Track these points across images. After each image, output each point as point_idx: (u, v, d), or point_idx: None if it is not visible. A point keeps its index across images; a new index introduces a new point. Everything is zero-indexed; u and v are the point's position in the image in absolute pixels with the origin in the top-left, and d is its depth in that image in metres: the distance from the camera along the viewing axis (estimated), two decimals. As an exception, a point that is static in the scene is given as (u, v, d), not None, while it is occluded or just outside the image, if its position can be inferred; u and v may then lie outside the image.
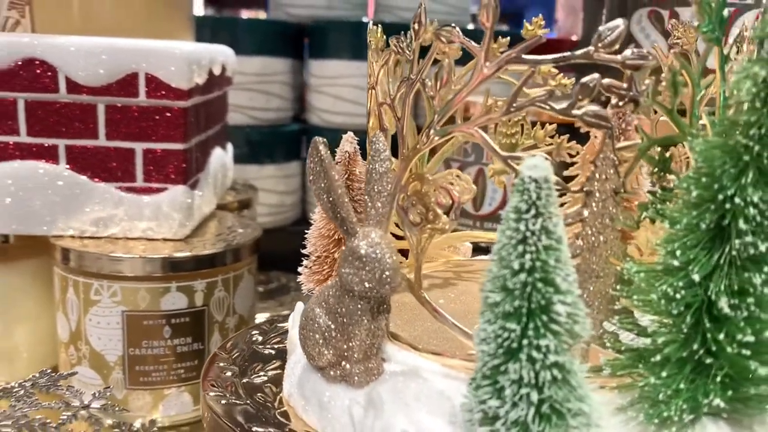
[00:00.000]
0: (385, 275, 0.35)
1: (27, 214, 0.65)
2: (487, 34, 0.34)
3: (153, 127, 0.65)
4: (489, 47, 0.34)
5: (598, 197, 0.34)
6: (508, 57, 0.33)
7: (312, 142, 0.36)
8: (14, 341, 0.73)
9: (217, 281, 0.67)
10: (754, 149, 0.29)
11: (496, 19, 0.34)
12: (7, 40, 0.62)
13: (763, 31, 0.29)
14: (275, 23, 1.27)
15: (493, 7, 0.33)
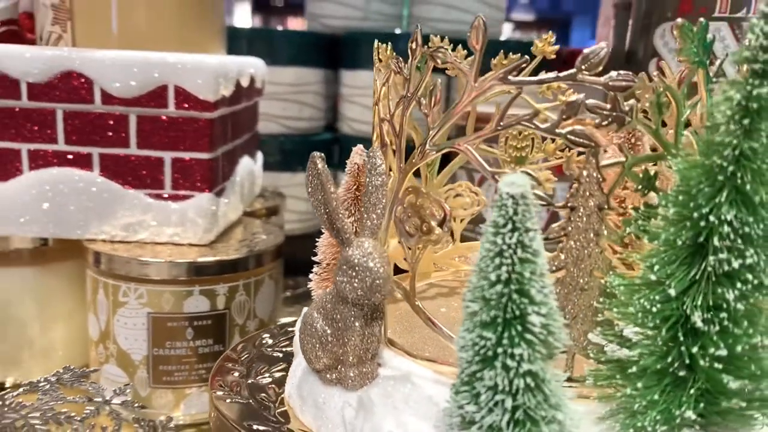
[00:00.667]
0: (376, 283, 0.36)
1: (63, 218, 0.69)
2: (476, 56, 0.35)
3: (181, 136, 0.68)
4: (477, 68, 0.35)
5: (582, 212, 0.35)
6: (493, 78, 0.35)
7: (310, 157, 0.38)
8: (51, 339, 0.77)
9: (239, 285, 0.69)
10: (728, 169, 0.30)
11: (485, 42, 0.35)
12: (48, 54, 0.66)
13: (740, 56, 0.30)
14: (309, 34, 1.30)
15: (482, 30, 0.35)
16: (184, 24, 0.75)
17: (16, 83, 0.66)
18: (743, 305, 0.31)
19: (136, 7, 0.71)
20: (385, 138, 0.41)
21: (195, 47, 0.75)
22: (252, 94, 0.84)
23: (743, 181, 0.30)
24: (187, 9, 0.74)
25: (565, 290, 0.36)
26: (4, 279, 0.74)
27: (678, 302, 0.32)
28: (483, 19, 0.35)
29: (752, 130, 0.30)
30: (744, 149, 0.30)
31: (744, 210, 0.30)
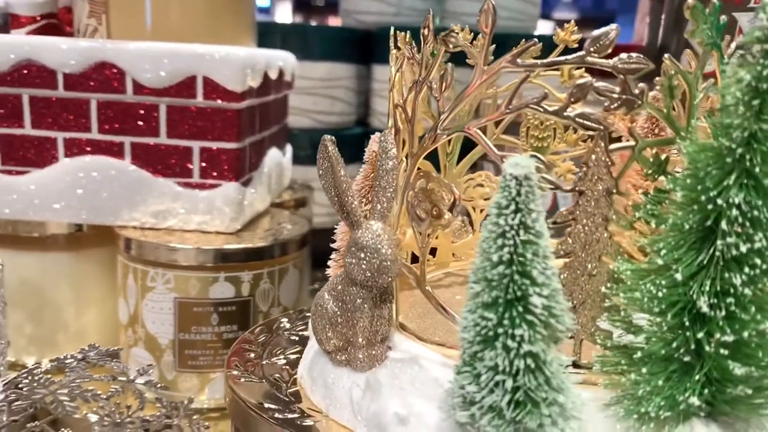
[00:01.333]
0: (384, 265, 0.37)
1: (95, 205, 0.72)
2: (485, 39, 0.35)
3: (209, 126, 0.70)
4: (486, 52, 0.35)
5: (591, 197, 0.35)
6: (503, 61, 0.35)
7: (321, 141, 0.38)
8: (84, 322, 0.80)
9: (263, 273, 0.71)
10: (738, 151, 0.30)
11: (494, 25, 0.35)
12: (83, 46, 0.68)
13: (750, 36, 0.30)
14: (342, 30, 1.31)
15: (491, 14, 0.35)
16: (215, 17, 0.76)
17: (53, 74, 0.68)
18: (751, 290, 0.30)
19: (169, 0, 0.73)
20: (399, 124, 0.42)
21: (225, 39, 0.76)
22: (281, 87, 0.85)
23: (753, 163, 0.29)
24: (218, 2, 0.76)
25: (573, 275, 0.36)
26: (41, 263, 0.76)
27: (685, 287, 0.31)
28: (492, 3, 0.35)
29: (763, 111, 0.29)
30: (754, 131, 0.29)
31: (753, 193, 0.30)
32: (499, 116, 0.35)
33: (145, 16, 0.73)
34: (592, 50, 0.33)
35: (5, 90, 0.69)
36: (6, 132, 0.71)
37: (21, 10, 0.75)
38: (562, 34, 0.44)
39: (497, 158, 0.35)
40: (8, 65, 0.68)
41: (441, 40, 0.38)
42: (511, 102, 0.35)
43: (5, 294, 0.67)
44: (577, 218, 0.35)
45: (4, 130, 0.71)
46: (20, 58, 0.68)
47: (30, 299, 0.76)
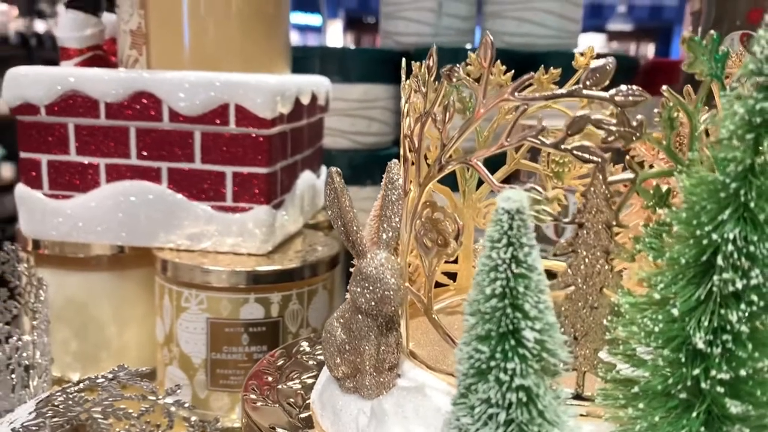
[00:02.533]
0: (386, 295, 0.37)
1: (134, 227, 0.75)
2: (484, 74, 0.36)
3: (241, 152, 0.72)
4: (485, 85, 0.36)
5: (590, 228, 0.35)
6: (503, 95, 0.35)
7: (327, 172, 0.39)
8: (125, 340, 0.83)
9: (292, 294, 0.72)
10: (732, 186, 0.29)
11: (493, 58, 0.36)
12: (123, 77, 0.71)
13: (746, 69, 0.29)
14: (379, 52, 1.34)
15: (490, 47, 0.36)
16: (250, 45, 0.79)
17: (95, 103, 0.72)
18: (748, 327, 0.29)
19: (205, 31, 0.76)
20: (407, 153, 0.43)
21: (259, 67, 0.79)
22: (314, 111, 0.87)
23: (748, 198, 0.29)
24: (253, 32, 0.79)
25: (575, 307, 0.36)
26: (85, 283, 0.80)
27: (682, 323, 0.31)
28: (490, 37, 0.36)
29: (757, 145, 0.29)
30: (748, 165, 0.29)
31: (749, 228, 0.29)
32: (498, 149, 0.36)
33: (182, 47, 0.76)
34: (588, 83, 0.33)
35: (53, 119, 0.73)
36: (53, 159, 0.75)
37: (69, 43, 0.79)
38: (582, 59, 0.44)
39: (497, 189, 0.36)
40: (56, 96, 0.72)
41: (444, 75, 0.39)
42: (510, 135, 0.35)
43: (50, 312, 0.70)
44: (577, 250, 0.35)
45: (51, 157, 0.75)
46: (66, 89, 0.72)
47: (74, 317, 0.80)
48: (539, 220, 0.36)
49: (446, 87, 0.38)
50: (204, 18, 0.75)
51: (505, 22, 1.38)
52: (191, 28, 0.76)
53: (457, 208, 0.56)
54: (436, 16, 1.35)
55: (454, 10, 1.36)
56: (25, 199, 0.76)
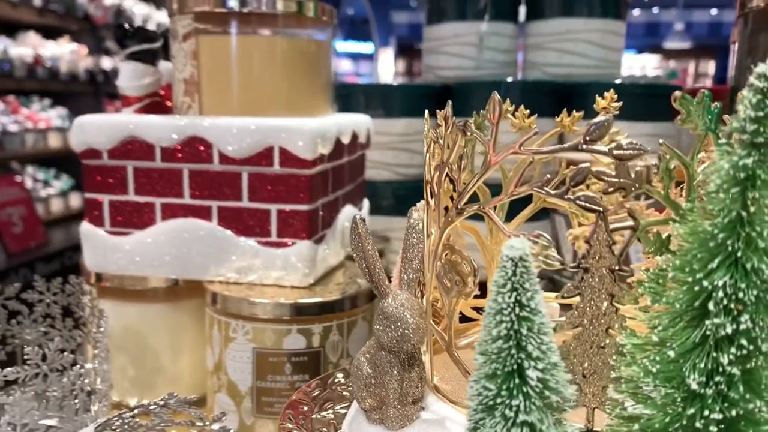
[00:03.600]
0: (406, 333, 0.40)
1: (187, 262, 0.80)
2: (493, 129, 0.39)
3: (285, 191, 0.77)
4: (494, 140, 0.39)
5: (594, 273, 0.37)
6: (510, 149, 0.38)
7: (352, 219, 0.43)
8: (179, 367, 0.88)
9: (332, 326, 0.76)
10: (719, 236, 0.31)
11: (501, 116, 0.39)
12: (177, 124, 0.77)
13: (731, 126, 0.31)
14: (421, 87, 1.37)
15: (498, 105, 0.39)
16: (294, 90, 0.84)
17: (152, 148, 0.78)
18: (739, 370, 0.31)
19: (252, 79, 0.82)
20: (429, 199, 0.46)
21: (303, 109, 0.84)
22: (355, 149, 0.92)
23: (735, 247, 0.31)
24: (297, 78, 0.84)
25: (582, 347, 0.38)
26: (142, 313, 0.86)
27: (678, 364, 0.33)
28: (497, 97, 0.39)
29: (741, 199, 0.31)
30: (735, 217, 0.31)
31: (737, 276, 0.31)
32: (508, 197, 0.38)
33: (231, 94, 0.82)
34: (588, 138, 0.36)
35: (114, 163, 0.80)
36: (114, 199, 0.81)
37: (129, 91, 0.86)
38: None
39: (507, 234, 0.38)
40: (117, 141, 0.79)
41: (459, 128, 0.42)
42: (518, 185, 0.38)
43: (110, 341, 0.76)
44: (583, 293, 0.37)
45: (112, 197, 0.81)
46: (126, 136, 0.78)
47: (132, 345, 0.85)
48: (547, 265, 0.38)
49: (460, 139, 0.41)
50: (251, 67, 0.80)
51: (547, 53, 1.40)
52: (239, 76, 0.81)
53: (484, 245, 0.58)
54: (477, 50, 1.38)
55: (496, 43, 1.39)
56: (88, 236, 0.83)
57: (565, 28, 1.37)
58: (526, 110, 0.59)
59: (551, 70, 1.40)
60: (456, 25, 1.39)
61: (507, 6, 1.40)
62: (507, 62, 1.43)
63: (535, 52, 1.43)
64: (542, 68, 1.41)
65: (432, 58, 1.44)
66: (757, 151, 0.31)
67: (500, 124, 0.45)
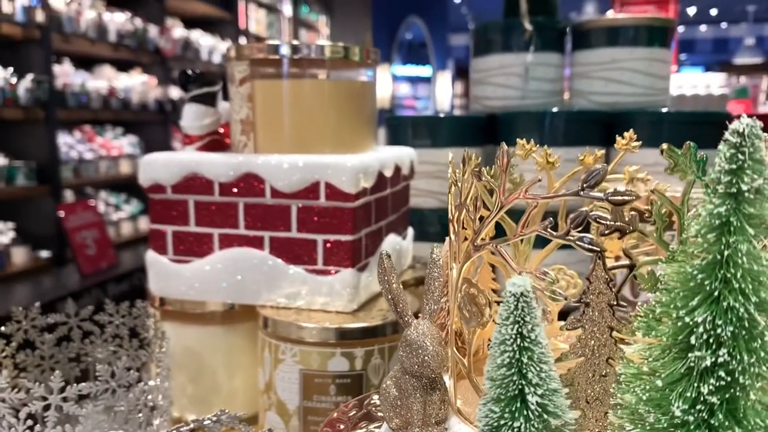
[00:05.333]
0: (426, 360, 0.45)
1: (242, 288, 0.87)
2: (502, 177, 0.43)
3: (330, 222, 0.83)
4: (503, 186, 0.43)
5: (594, 307, 0.41)
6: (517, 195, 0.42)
7: (379, 255, 0.48)
8: (235, 385, 0.94)
9: (374, 350, 0.80)
10: (698, 277, 0.35)
11: (509, 163, 0.43)
12: (233, 161, 0.84)
13: (710, 177, 0.35)
14: (466, 118, 1.42)
15: (506, 155, 0.43)
16: (340, 128, 0.90)
17: (211, 183, 0.86)
18: (718, 399, 0.34)
19: (302, 119, 0.88)
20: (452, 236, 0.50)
21: (349, 145, 0.90)
22: (398, 181, 0.97)
23: (712, 288, 0.34)
24: (343, 117, 0.90)
25: (585, 376, 0.41)
26: (201, 335, 0.92)
27: (665, 393, 0.36)
28: (506, 147, 0.43)
29: (718, 243, 0.34)
30: (711, 260, 0.34)
31: (715, 314, 0.34)
32: (515, 238, 0.43)
33: (283, 133, 0.89)
34: (585, 185, 0.40)
35: (177, 197, 0.87)
36: (176, 229, 0.89)
37: (192, 131, 0.94)
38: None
39: (516, 271, 0.43)
40: (179, 177, 0.86)
41: (474, 174, 0.46)
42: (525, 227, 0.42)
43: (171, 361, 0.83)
44: (585, 326, 0.41)
45: (175, 228, 0.89)
46: (188, 172, 0.86)
47: (191, 365, 0.92)
48: (553, 300, 0.42)
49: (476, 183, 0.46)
50: (301, 108, 0.87)
51: (592, 82, 1.42)
52: (290, 117, 0.88)
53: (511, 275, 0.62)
54: (522, 80, 1.42)
55: (542, 73, 1.43)
56: (153, 263, 0.90)
57: (610, 57, 1.39)
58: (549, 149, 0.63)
59: (597, 98, 1.42)
60: (502, 57, 1.43)
61: (552, 37, 1.43)
62: (553, 91, 1.46)
63: (581, 81, 1.45)
64: (588, 97, 1.44)
65: (479, 89, 1.49)
66: (732, 200, 0.34)
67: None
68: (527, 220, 0.42)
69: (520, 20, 1.39)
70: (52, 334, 0.86)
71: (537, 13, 1.41)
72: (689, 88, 3.67)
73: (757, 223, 0.34)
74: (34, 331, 0.84)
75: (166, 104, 4.10)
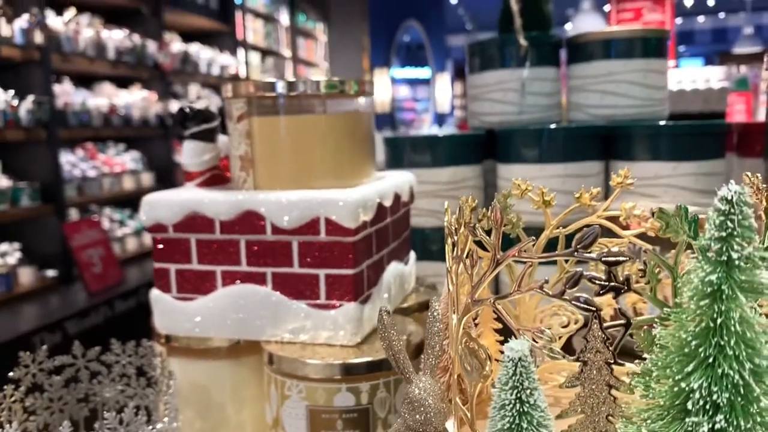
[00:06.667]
0: (428, 417, 0.45)
1: (245, 324, 0.87)
2: (495, 232, 0.44)
3: (330, 257, 0.83)
4: (497, 243, 0.43)
5: (592, 365, 0.41)
6: (512, 253, 0.43)
7: (378, 312, 0.48)
8: (242, 419, 0.95)
9: (379, 383, 0.81)
10: (693, 343, 0.35)
11: (503, 219, 0.43)
12: (233, 200, 0.85)
13: (700, 243, 0.35)
14: (465, 136, 1.42)
15: (499, 210, 0.43)
16: (339, 161, 0.91)
17: (212, 222, 0.86)
18: (716, 464, 0.35)
19: (301, 153, 0.89)
20: (450, 286, 0.51)
21: (348, 177, 0.90)
22: (398, 208, 0.97)
23: (707, 354, 0.35)
24: (342, 149, 0.90)
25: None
26: (207, 370, 0.93)
27: (663, 456, 0.37)
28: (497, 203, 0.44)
29: (711, 310, 0.35)
30: (704, 327, 0.35)
31: (710, 380, 0.35)
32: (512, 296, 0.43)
33: (282, 167, 0.89)
34: (578, 247, 0.40)
35: (179, 235, 0.88)
36: (179, 267, 0.89)
37: (191, 168, 0.95)
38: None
39: (515, 329, 0.43)
40: (181, 216, 0.87)
41: (469, 230, 0.47)
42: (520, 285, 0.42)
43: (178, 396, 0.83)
44: (584, 383, 0.41)
45: (178, 266, 0.89)
46: (188, 211, 0.87)
47: (198, 399, 0.93)
48: (552, 358, 0.43)
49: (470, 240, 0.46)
50: (299, 143, 0.87)
51: (589, 95, 1.42)
52: (288, 152, 0.89)
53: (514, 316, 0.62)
54: (519, 95, 1.42)
55: (538, 88, 1.43)
56: (158, 301, 0.91)
57: (606, 70, 1.40)
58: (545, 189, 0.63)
59: (594, 111, 1.42)
60: (498, 73, 1.43)
61: (547, 51, 1.43)
62: (550, 105, 1.46)
63: (579, 94, 1.46)
64: (585, 110, 1.44)
65: (476, 105, 1.49)
66: (723, 267, 0.34)
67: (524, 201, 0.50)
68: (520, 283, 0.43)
69: (515, 36, 1.39)
70: (60, 376, 0.87)
71: (531, 28, 1.41)
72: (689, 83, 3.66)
73: (749, 289, 0.34)
74: (42, 374, 0.85)
75: (166, 119, 4.12)
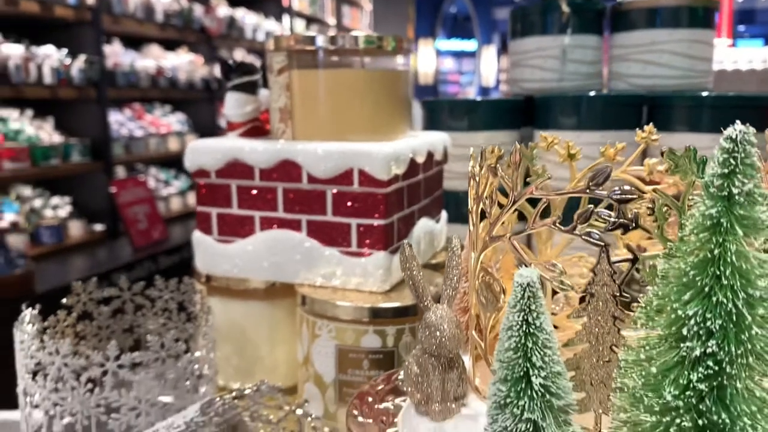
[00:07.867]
0: (443, 340, 0.49)
1: (281, 267, 0.92)
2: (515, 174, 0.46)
3: (363, 207, 0.87)
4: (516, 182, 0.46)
5: (599, 297, 0.44)
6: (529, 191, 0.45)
7: (400, 245, 0.51)
8: (276, 357, 1.00)
9: (405, 328, 0.85)
10: (690, 273, 0.38)
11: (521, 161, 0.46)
12: (271, 149, 0.89)
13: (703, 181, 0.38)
14: (503, 101, 1.43)
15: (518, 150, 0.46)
16: (375, 116, 0.94)
17: (252, 169, 0.90)
18: (707, 387, 0.37)
19: (338, 107, 0.92)
20: (471, 227, 0.54)
21: (383, 133, 0.93)
22: (431, 166, 1.00)
23: (703, 284, 0.37)
24: (378, 105, 0.93)
25: (590, 361, 0.45)
26: (244, 310, 0.98)
27: (658, 379, 0.39)
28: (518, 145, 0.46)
29: (709, 242, 0.37)
30: (703, 258, 0.37)
31: (705, 308, 0.37)
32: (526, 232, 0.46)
33: (320, 120, 0.93)
34: (591, 184, 0.43)
35: (220, 181, 0.93)
36: (220, 211, 0.94)
37: (234, 118, 0.99)
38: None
39: (527, 263, 0.46)
40: (222, 163, 0.92)
41: (491, 170, 0.49)
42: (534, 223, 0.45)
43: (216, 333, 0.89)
44: (590, 315, 0.44)
45: (219, 210, 0.94)
46: (230, 158, 0.91)
47: (235, 337, 0.98)
48: (562, 289, 0.45)
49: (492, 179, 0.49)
50: (336, 97, 0.91)
51: (631, 65, 1.41)
52: (326, 105, 0.92)
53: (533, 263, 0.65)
54: (560, 62, 1.42)
55: (580, 56, 1.43)
56: (199, 243, 0.96)
57: (649, 39, 1.38)
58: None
59: (636, 81, 1.42)
60: (540, 39, 1.43)
61: (590, 18, 1.42)
62: (591, 74, 1.46)
63: (620, 63, 1.45)
64: (627, 79, 1.43)
65: (517, 71, 1.49)
66: (724, 202, 0.37)
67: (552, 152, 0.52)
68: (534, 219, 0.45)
69: (558, 2, 1.39)
70: (108, 307, 0.93)
71: (575, -6, 1.41)
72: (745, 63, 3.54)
73: (748, 224, 0.37)
74: (91, 303, 0.91)
75: (212, 83, 4.19)
